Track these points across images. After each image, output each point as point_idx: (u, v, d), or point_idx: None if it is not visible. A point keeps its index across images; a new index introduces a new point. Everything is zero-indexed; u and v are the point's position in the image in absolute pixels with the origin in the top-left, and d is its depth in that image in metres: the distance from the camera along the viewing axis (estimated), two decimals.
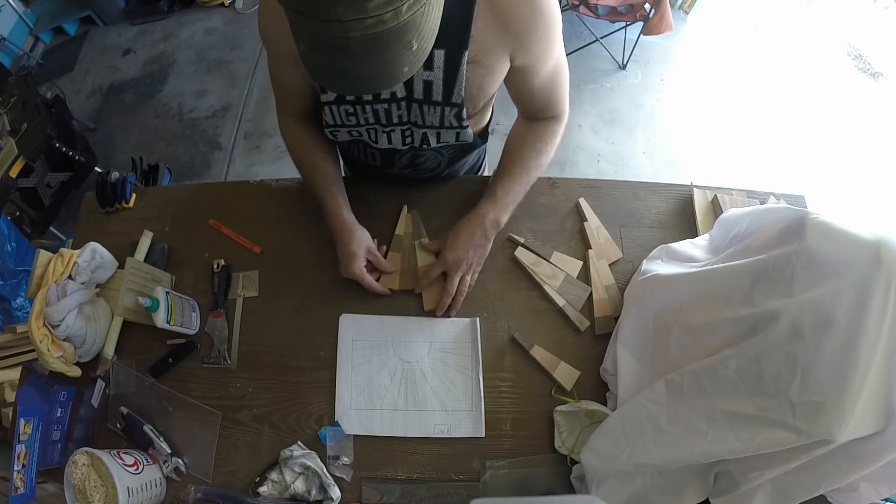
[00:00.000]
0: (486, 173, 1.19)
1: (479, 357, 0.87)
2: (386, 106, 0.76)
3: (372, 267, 0.92)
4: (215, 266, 0.94)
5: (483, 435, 0.82)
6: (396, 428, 0.81)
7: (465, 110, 0.76)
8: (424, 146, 0.85)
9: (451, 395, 0.83)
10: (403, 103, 0.76)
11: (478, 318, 0.90)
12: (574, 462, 0.81)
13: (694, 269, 0.78)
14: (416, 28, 0.48)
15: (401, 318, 0.90)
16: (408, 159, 0.91)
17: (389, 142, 0.84)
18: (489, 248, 0.91)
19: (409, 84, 0.73)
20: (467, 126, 0.80)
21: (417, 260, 0.94)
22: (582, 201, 1.01)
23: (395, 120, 0.79)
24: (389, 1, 0.44)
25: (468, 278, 0.89)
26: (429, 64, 0.70)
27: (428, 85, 0.73)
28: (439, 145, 0.86)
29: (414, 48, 0.50)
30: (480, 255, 0.90)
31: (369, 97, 0.74)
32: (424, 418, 0.81)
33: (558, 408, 0.84)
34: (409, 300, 0.93)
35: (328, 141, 0.91)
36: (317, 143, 0.91)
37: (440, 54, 0.69)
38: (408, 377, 0.84)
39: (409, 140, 0.84)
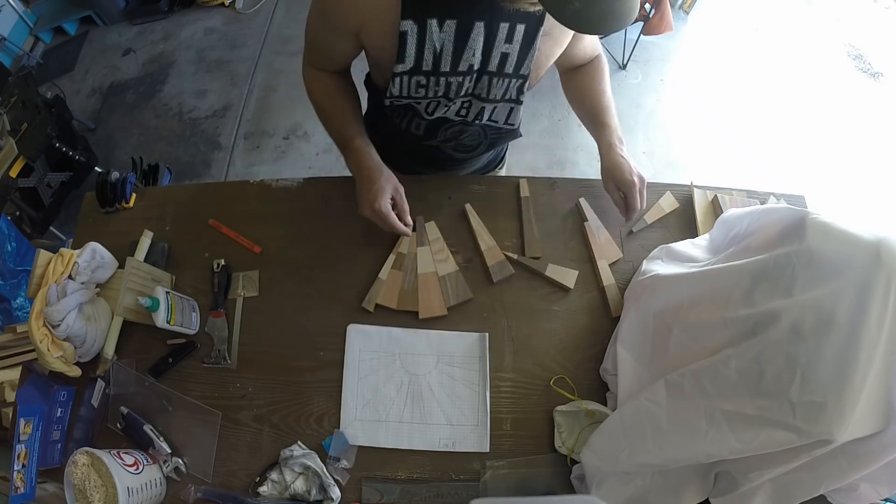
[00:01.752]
0: (503, 170, 1.20)
1: (487, 372, 0.86)
2: (460, 79, 0.77)
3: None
4: (215, 266, 0.94)
5: (488, 450, 0.82)
6: (401, 440, 0.81)
7: (528, 82, 0.79)
8: (476, 121, 0.87)
9: (457, 409, 0.83)
10: (475, 75, 0.77)
11: (487, 334, 0.90)
12: (574, 462, 0.81)
13: (694, 269, 0.78)
14: None
15: (409, 331, 0.89)
16: (453, 133, 0.92)
17: (446, 112, 0.85)
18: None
19: (486, 55, 0.75)
20: (522, 102, 0.83)
21: (418, 268, 0.93)
22: (582, 201, 1.01)
23: (462, 92, 0.80)
24: None
25: (644, 190, 0.91)
26: (510, 37, 0.73)
27: (504, 57, 0.75)
28: (489, 122, 0.88)
29: None
30: (635, 164, 0.92)
31: (447, 69, 0.75)
32: (429, 432, 0.82)
33: (558, 408, 0.84)
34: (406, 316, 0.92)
35: (354, 88, 0.93)
36: (344, 89, 0.91)
37: (521, 28, 0.72)
38: (414, 390, 0.84)
39: (463, 112, 0.85)
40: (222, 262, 0.95)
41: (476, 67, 0.76)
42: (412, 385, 0.84)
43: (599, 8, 0.54)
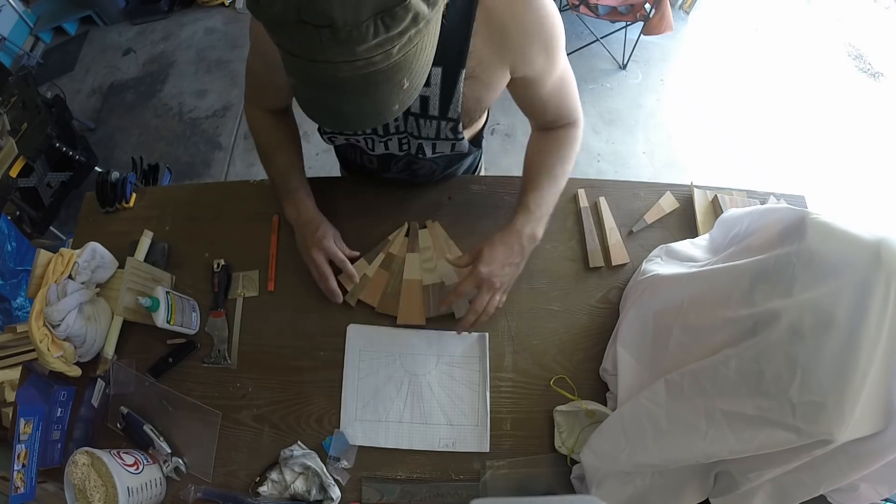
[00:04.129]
0: (482, 173, 1.19)
1: (487, 373, 0.86)
2: None
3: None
4: (215, 266, 0.94)
5: (488, 450, 0.82)
6: (401, 440, 0.81)
7: (461, 124, 0.76)
8: (420, 155, 0.84)
9: (457, 409, 0.83)
10: (400, 116, 0.74)
11: (487, 334, 0.90)
12: (574, 462, 0.81)
13: (694, 270, 0.78)
14: (408, 68, 0.47)
15: (409, 331, 0.89)
16: (403, 164, 0.91)
17: (386, 148, 0.84)
18: (522, 268, 0.84)
19: None
20: (463, 138, 0.79)
21: (404, 273, 0.92)
22: (602, 201, 1.00)
23: (392, 130, 0.79)
24: (379, 44, 0.42)
25: (497, 297, 0.82)
26: (426, 81, 0.68)
27: (425, 100, 0.72)
28: (435, 155, 0.85)
29: (405, 87, 0.49)
30: (513, 273, 0.83)
31: None
32: (429, 432, 0.82)
33: (558, 407, 0.84)
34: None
35: (296, 134, 0.93)
36: (286, 133, 0.91)
37: (437, 72, 0.68)
38: (414, 390, 0.84)
39: (405, 147, 0.84)
40: (222, 262, 0.94)
41: None
42: (412, 385, 0.84)
43: (306, 98, 0.51)
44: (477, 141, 0.95)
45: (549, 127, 0.88)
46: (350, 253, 0.90)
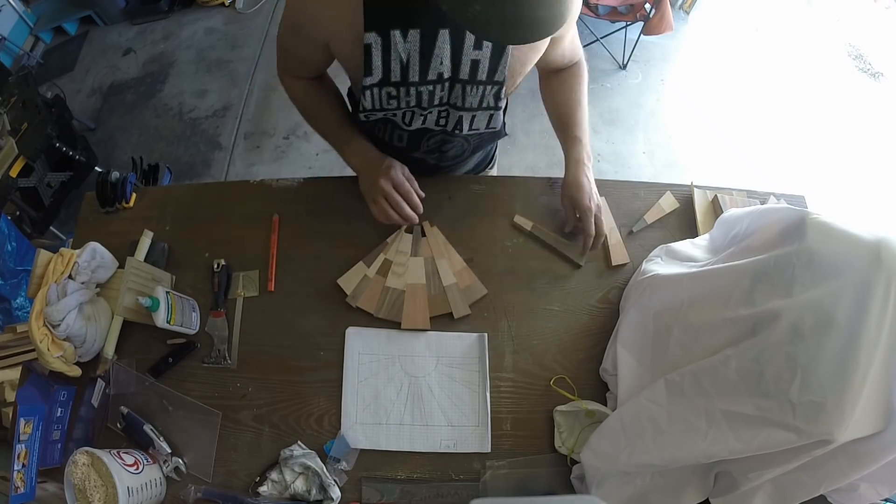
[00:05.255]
0: (494, 169, 1.20)
1: (487, 373, 0.86)
2: (430, 88, 0.76)
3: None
4: (215, 266, 0.94)
5: (489, 451, 0.82)
6: (402, 443, 0.81)
7: (504, 89, 0.77)
8: (457, 131, 0.85)
9: (458, 410, 0.83)
10: (447, 84, 0.76)
11: (486, 334, 0.90)
12: (574, 462, 0.81)
13: (694, 270, 0.78)
14: None
15: (407, 333, 0.89)
16: (435, 143, 0.91)
17: (423, 122, 0.84)
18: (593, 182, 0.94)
19: (455, 63, 0.73)
20: (501, 108, 0.81)
21: (407, 278, 0.92)
22: (602, 201, 1.00)
23: (436, 101, 0.79)
24: None
25: (602, 217, 0.91)
26: (478, 44, 0.71)
27: (475, 64, 0.73)
28: (470, 132, 0.86)
29: None
30: (596, 190, 0.93)
31: (416, 79, 0.74)
32: (431, 433, 0.82)
33: (558, 408, 0.84)
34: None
35: (334, 88, 0.93)
36: (326, 92, 0.92)
37: None
38: (414, 392, 0.84)
39: (442, 122, 0.84)
40: (222, 261, 0.94)
41: (446, 76, 0.74)
42: (412, 387, 0.84)
43: (501, 13, 0.50)
44: (503, 125, 0.96)
45: (560, 69, 0.96)
46: (414, 195, 0.88)
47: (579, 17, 0.67)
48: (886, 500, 0.68)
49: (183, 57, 2.93)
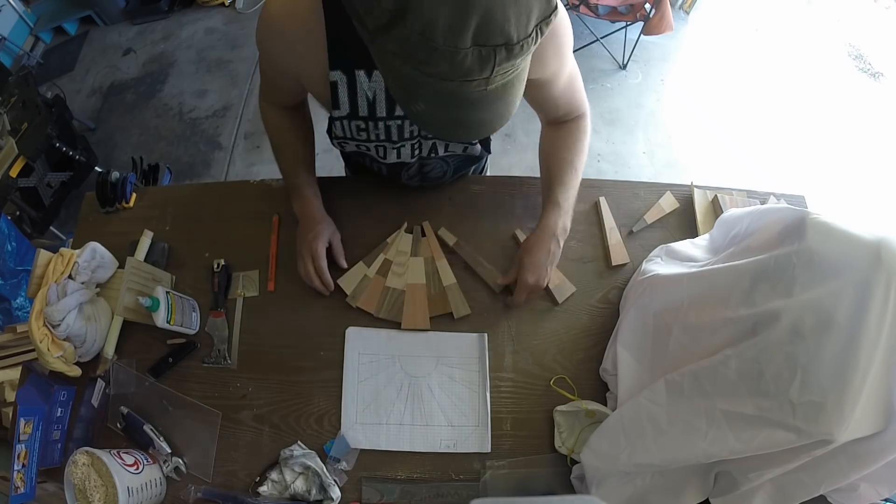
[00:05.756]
0: (488, 173, 1.19)
1: (487, 372, 0.86)
2: (399, 122, 0.76)
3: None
4: (216, 266, 0.94)
5: (489, 450, 0.82)
6: (402, 443, 0.81)
7: None
8: (432, 155, 0.85)
9: (458, 410, 0.83)
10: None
11: (486, 334, 0.90)
12: (574, 462, 0.81)
13: (694, 270, 0.78)
14: (529, 63, 0.50)
15: (407, 333, 0.89)
16: (415, 170, 0.92)
17: (398, 157, 0.84)
18: (560, 253, 0.89)
19: None
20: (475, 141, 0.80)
21: (407, 278, 0.92)
22: (602, 201, 1.01)
23: (406, 135, 0.79)
24: (526, 48, 0.45)
25: (534, 293, 0.89)
26: None
27: None
28: (446, 154, 0.86)
29: (525, 78, 0.52)
30: (551, 267, 0.88)
31: (383, 114, 0.74)
32: (431, 433, 0.82)
33: (558, 407, 0.84)
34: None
35: (309, 126, 0.93)
36: (298, 130, 0.92)
37: None
38: (414, 392, 0.84)
39: (417, 152, 0.84)
40: (222, 261, 0.95)
41: None
42: (412, 387, 0.84)
43: (443, 114, 0.51)
44: (486, 143, 0.95)
45: (560, 121, 0.90)
46: (340, 263, 0.92)
47: (579, 17, 0.66)
48: (886, 500, 0.68)
49: (183, 57, 2.93)
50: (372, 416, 0.83)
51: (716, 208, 1.00)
